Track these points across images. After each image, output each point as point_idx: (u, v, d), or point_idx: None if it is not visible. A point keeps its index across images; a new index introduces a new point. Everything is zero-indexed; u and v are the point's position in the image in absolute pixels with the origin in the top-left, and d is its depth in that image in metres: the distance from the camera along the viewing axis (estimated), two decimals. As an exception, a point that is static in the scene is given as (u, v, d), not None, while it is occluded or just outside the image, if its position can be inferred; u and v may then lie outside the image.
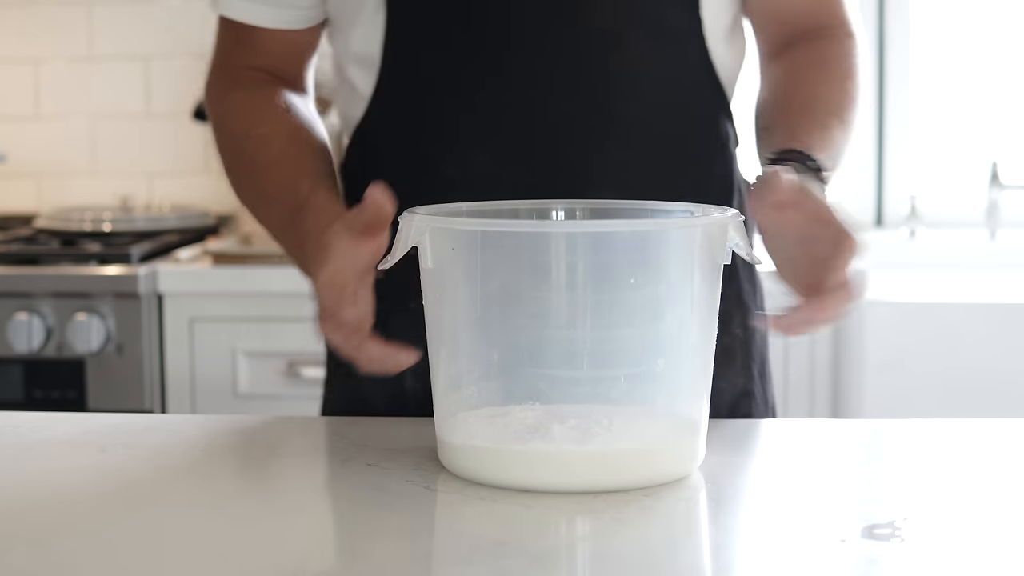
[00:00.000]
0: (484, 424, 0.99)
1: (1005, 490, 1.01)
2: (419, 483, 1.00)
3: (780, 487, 1.02)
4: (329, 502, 0.99)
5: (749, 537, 0.90)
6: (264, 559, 0.86)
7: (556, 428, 0.97)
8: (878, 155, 2.86)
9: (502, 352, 0.98)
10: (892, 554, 0.86)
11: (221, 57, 1.33)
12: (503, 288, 0.98)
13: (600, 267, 0.96)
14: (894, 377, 2.27)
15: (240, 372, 2.36)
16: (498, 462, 0.98)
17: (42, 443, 1.13)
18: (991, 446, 1.14)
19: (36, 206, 2.91)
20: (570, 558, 0.88)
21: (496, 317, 0.98)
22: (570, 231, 0.98)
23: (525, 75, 1.23)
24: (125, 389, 2.33)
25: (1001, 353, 2.28)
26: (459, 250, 0.98)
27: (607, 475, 0.97)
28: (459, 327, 0.99)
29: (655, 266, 0.97)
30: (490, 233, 0.98)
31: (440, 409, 1.02)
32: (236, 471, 1.09)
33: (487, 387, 0.99)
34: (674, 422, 1.00)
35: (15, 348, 2.32)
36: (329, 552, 0.89)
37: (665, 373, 0.98)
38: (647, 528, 0.91)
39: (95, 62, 2.93)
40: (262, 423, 1.21)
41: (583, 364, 0.97)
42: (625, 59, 1.24)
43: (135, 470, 1.06)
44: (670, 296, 0.98)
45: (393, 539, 0.90)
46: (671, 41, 1.25)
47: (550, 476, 0.97)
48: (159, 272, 2.35)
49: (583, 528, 0.93)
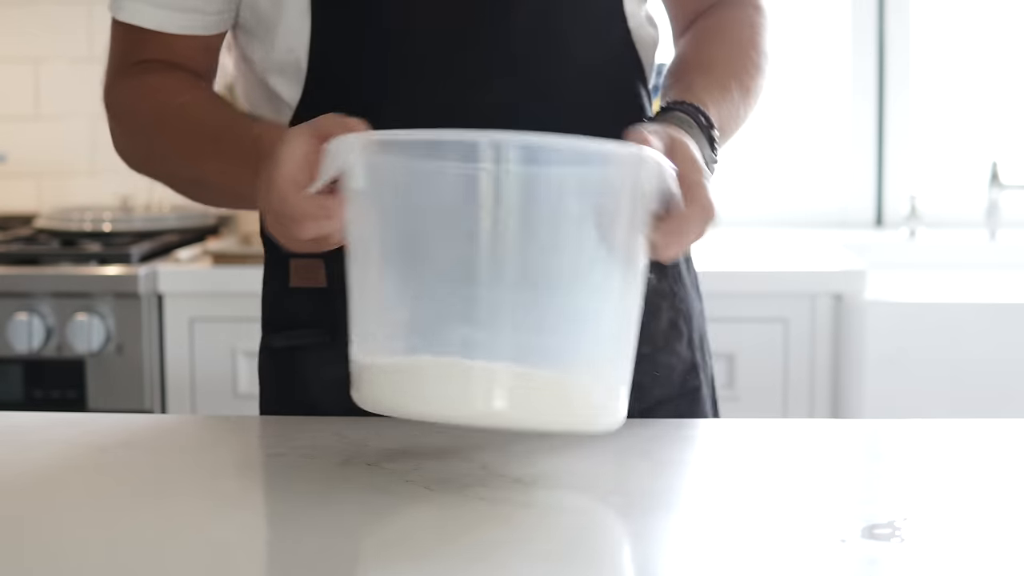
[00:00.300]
0: (403, 346, 0.96)
1: (1005, 490, 1.01)
2: (419, 483, 1.00)
3: (780, 487, 1.02)
4: (329, 502, 0.99)
5: (749, 537, 0.90)
6: (264, 559, 0.86)
7: (474, 359, 0.93)
8: (878, 155, 2.86)
9: (420, 300, 0.95)
10: (892, 554, 0.86)
11: (120, 60, 1.30)
12: (426, 219, 0.94)
13: (527, 214, 0.92)
14: (894, 377, 2.27)
15: (240, 372, 2.36)
16: (407, 380, 0.94)
17: (42, 443, 1.13)
18: (991, 446, 1.14)
19: (36, 206, 2.91)
20: (581, 559, 0.88)
21: (416, 256, 0.95)
22: (503, 139, 0.92)
23: (448, 67, 1.22)
24: (125, 389, 2.33)
25: (1001, 353, 2.28)
26: (384, 172, 0.95)
27: (516, 408, 0.93)
28: (381, 258, 0.96)
29: (583, 215, 0.94)
30: (418, 142, 0.95)
31: (355, 332, 0.99)
32: (236, 471, 1.09)
33: (405, 331, 0.96)
34: (593, 372, 0.97)
35: (15, 348, 2.32)
36: (329, 552, 0.89)
37: (588, 323, 0.95)
38: (646, 528, 0.91)
39: (95, 62, 2.92)
40: (262, 423, 1.20)
41: (505, 321, 0.93)
42: (551, 33, 1.24)
43: (135, 470, 1.06)
44: (597, 252, 0.94)
45: (393, 539, 0.90)
46: (594, 20, 1.26)
47: (464, 400, 0.93)
48: (159, 272, 2.35)
49: (589, 529, 0.93)
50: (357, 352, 0.99)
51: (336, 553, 0.90)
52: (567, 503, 0.96)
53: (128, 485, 1.02)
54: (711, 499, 0.97)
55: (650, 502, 0.96)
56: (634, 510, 0.94)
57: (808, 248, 2.51)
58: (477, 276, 0.93)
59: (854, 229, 2.80)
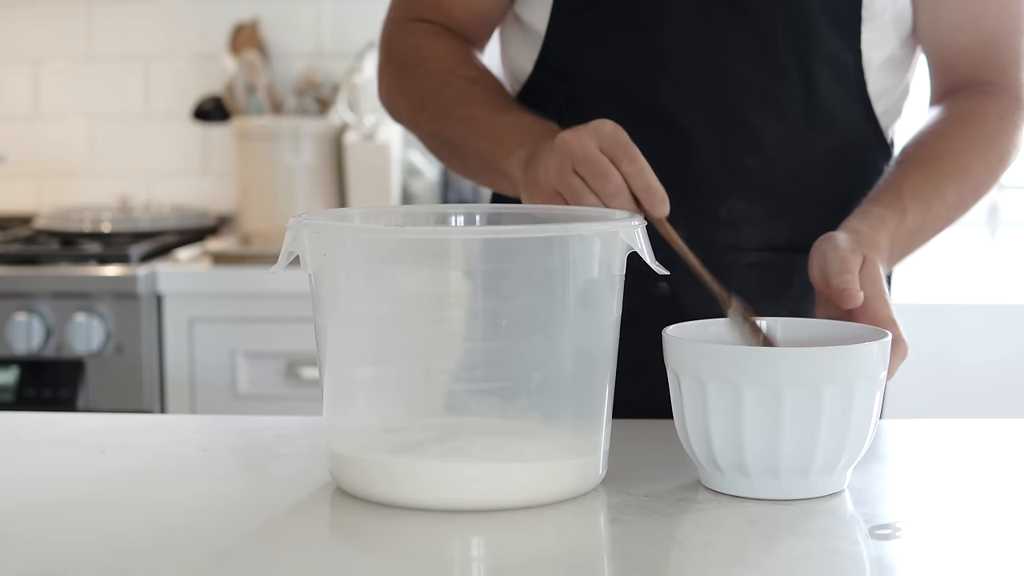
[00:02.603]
0: (377, 436, 0.97)
1: (1005, 490, 1.01)
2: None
3: (781, 487, 1.02)
4: (329, 503, 0.99)
5: (749, 537, 0.90)
6: (264, 559, 0.86)
7: (445, 445, 0.94)
8: (878, 155, 2.85)
9: (392, 365, 0.96)
10: (893, 554, 0.86)
11: (402, 13, 1.36)
12: (390, 296, 0.95)
13: (493, 276, 0.92)
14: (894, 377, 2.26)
15: (239, 372, 2.36)
16: (387, 476, 0.94)
17: (42, 444, 1.13)
18: (991, 446, 1.14)
19: (35, 206, 2.92)
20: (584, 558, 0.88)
21: (383, 329, 0.95)
22: (462, 238, 0.93)
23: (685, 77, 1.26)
24: (124, 389, 2.33)
25: (1001, 353, 2.28)
26: (342, 257, 0.95)
27: (497, 494, 0.93)
28: (348, 339, 0.96)
29: (551, 274, 0.93)
30: (360, 239, 0.95)
31: (329, 419, 0.99)
32: (236, 472, 1.08)
33: (378, 400, 0.97)
34: (572, 438, 0.97)
35: (14, 348, 2.32)
36: (329, 552, 0.89)
37: (543, 386, 0.94)
38: (647, 528, 0.91)
39: (95, 62, 2.93)
40: (262, 423, 1.20)
41: (479, 376, 0.94)
42: (787, 79, 1.25)
43: (135, 470, 1.05)
44: (549, 307, 0.94)
45: (393, 539, 0.90)
46: (829, 66, 1.26)
47: (435, 492, 0.93)
48: (158, 272, 2.35)
49: (597, 535, 0.93)
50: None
51: (337, 553, 0.90)
52: (576, 513, 0.96)
53: (128, 485, 1.02)
54: (711, 499, 0.97)
55: (649, 502, 0.96)
56: (629, 509, 0.94)
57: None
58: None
59: (854, 229, 2.79)
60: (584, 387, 0.96)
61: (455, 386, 0.94)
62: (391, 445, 0.95)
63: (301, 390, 2.34)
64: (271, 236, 2.55)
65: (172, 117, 2.89)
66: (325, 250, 0.94)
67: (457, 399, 0.95)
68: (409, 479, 0.93)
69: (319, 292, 0.97)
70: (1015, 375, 2.27)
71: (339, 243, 0.95)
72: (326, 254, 0.94)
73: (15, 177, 2.95)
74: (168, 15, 2.91)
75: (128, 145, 2.91)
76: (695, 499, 0.97)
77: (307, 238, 0.94)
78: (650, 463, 1.05)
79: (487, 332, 0.93)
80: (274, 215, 2.58)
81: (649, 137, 1.17)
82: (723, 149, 1.26)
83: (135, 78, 2.92)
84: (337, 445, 0.98)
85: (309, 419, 1.21)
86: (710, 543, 0.89)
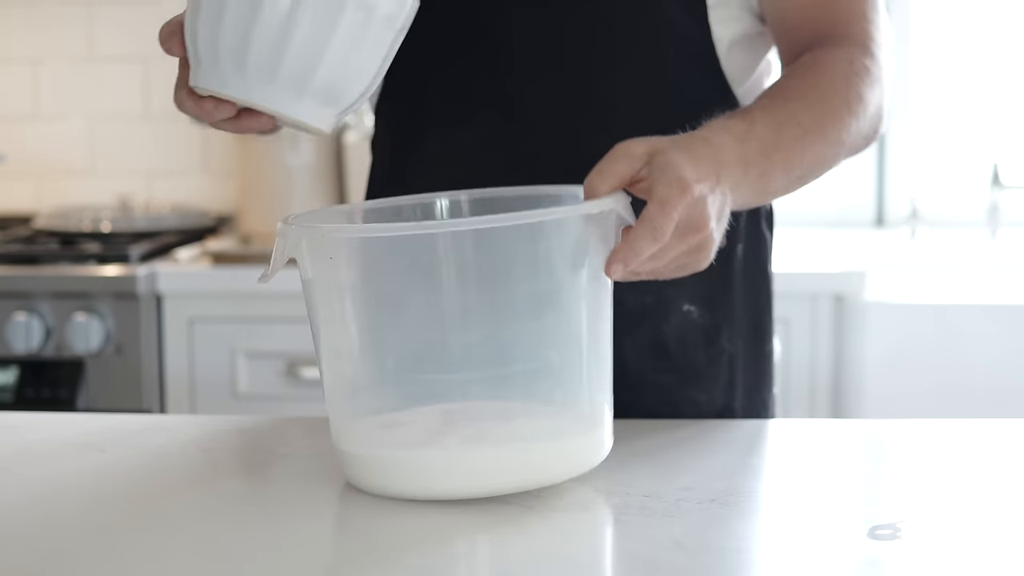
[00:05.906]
0: (382, 432, 0.97)
1: (1005, 490, 1.01)
2: (419, 483, 1.00)
3: (781, 487, 1.02)
4: (329, 503, 0.99)
5: (749, 537, 0.90)
6: (264, 560, 0.86)
7: (452, 434, 0.95)
8: (879, 155, 2.85)
9: (394, 359, 0.96)
10: (893, 554, 0.86)
11: None
12: (388, 293, 0.95)
13: (484, 265, 0.93)
14: (894, 377, 2.26)
15: (239, 372, 2.36)
16: (397, 470, 0.96)
17: (41, 444, 1.13)
18: (991, 446, 1.14)
19: (35, 206, 2.91)
20: (586, 559, 0.88)
21: (384, 324, 0.96)
22: (452, 231, 0.93)
23: (512, 64, 1.23)
24: (124, 389, 2.33)
25: (1001, 353, 2.28)
26: (338, 259, 0.95)
27: (505, 477, 0.95)
28: (348, 336, 0.97)
29: (539, 258, 0.94)
30: (369, 239, 0.95)
31: (335, 419, 1.00)
32: (236, 472, 1.08)
33: (381, 394, 0.97)
34: (573, 416, 0.98)
35: (14, 348, 2.32)
36: (329, 553, 0.89)
37: (562, 367, 0.96)
38: (647, 528, 0.91)
39: (94, 62, 2.93)
40: (262, 423, 1.20)
41: (477, 364, 0.94)
42: (632, 59, 1.22)
43: (135, 470, 1.05)
44: (558, 288, 0.94)
45: (393, 539, 0.90)
46: (677, 45, 1.23)
47: (447, 482, 0.95)
48: (158, 272, 2.35)
49: (597, 535, 0.93)
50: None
51: (337, 553, 0.89)
52: (582, 506, 0.96)
53: (128, 485, 1.02)
54: (711, 499, 0.97)
55: (649, 502, 0.96)
56: (630, 509, 0.94)
57: (808, 248, 2.51)
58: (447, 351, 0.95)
59: (855, 229, 2.79)
60: (591, 362, 0.97)
61: (458, 376, 0.95)
62: (399, 440, 0.96)
63: (301, 390, 2.34)
64: (271, 236, 2.55)
65: (171, 117, 2.88)
66: (319, 254, 0.95)
67: (458, 388, 0.95)
68: (421, 472, 0.95)
69: (312, 294, 0.97)
70: (1015, 375, 2.27)
71: (330, 245, 0.95)
72: (332, 258, 0.95)
73: (15, 177, 2.94)
74: (168, 15, 2.89)
75: (128, 145, 2.91)
76: (695, 499, 0.97)
77: (305, 244, 0.95)
78: (650, 463, 1.05)
79: (483, 319, 0.94)
80: (274, 215, 2.57)
81: (495, 123, 1.19)
82: (573, 134, 1.22)
83: (135, 78, 2.92)
84: (345, 444, 0.98)
85: (309, 419, 1.21)
86: (710, 543, 0.89)
